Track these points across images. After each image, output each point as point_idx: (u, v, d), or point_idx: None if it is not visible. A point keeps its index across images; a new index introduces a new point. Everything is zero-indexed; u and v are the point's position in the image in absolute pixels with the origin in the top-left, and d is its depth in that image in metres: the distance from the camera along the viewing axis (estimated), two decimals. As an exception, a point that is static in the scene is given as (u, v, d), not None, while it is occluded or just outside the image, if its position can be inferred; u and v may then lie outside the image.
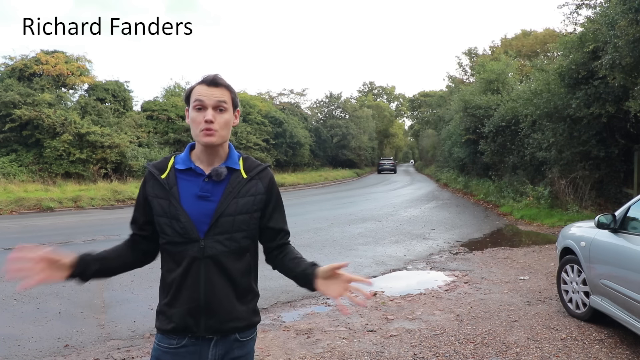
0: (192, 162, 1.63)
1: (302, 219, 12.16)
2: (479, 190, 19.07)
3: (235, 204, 1.60)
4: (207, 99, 1.57)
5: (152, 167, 1.65)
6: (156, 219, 1.61)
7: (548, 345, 4.03)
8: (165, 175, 1.61)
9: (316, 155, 41.91)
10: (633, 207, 4.03)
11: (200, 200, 1.58)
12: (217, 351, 1.62)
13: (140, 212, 1.67)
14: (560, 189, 12.34)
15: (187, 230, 1.56)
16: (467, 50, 37.21)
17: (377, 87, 78.99)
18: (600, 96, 10.31)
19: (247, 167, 1.67)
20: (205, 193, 1.59)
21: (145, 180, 1.65)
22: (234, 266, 1.61)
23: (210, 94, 1.57)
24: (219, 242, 1.58)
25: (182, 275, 1.58)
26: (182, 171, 1.62)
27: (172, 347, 1.60)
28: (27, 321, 4.70)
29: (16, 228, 11.02)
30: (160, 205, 1.59)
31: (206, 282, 1.58)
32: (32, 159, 20.01)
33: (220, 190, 1.60)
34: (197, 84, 1.61)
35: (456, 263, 7.45)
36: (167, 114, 26.05)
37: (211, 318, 1.59)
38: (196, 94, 1.59)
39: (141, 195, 1.66)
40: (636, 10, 8.17)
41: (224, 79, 1.62)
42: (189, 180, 1.61)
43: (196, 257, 1.57)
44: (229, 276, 1.60)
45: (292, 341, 4.23)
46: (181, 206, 1.57)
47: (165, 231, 1.59)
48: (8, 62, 22.35)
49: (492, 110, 17.92)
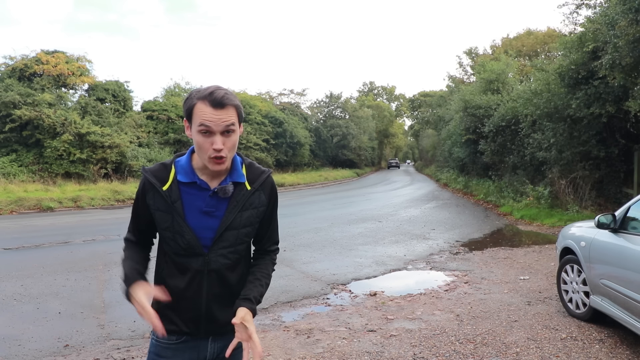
0: (196, 175, 1.54)
1: (302, 219, 12.07)
2: (479, 190, 19.07)
3: (239, 218, 1.56)
4: (214, 126, 1.42)
5: (152, 177, 1.54)
6: (159, 230, 1.58)
7: (548, 345, 4.03)
8: (167, 187, 1.52)
9: (316, 155, 41.94)
10: (633, 207, 4.03)
11: (205, 214, 1.54)
12: (215, 345, 1.65)
13: (143, 221, 1.61)
14: (560, 189, 12.34)
15: (192, 245, 1.54)
16: (467, 49, 37.22)
17: (378, 87, 79.04)
18: (600, 96, 10.31)
19: (250, 177, 1.61)
20: (211, 209, 1.54)
21: (145, 191, 1.55)
22: (233, 276, 1.62)
23: (217, 119, 1.42)
24: (222, 255, 1.57)
25: (185, 286, 1.58)
26: (185, 184, 1.53)
27: (173, 343, 1.62)
28: (27, 321, 4.70)
29: (16, 228, 11.02)
30: (162, 219, 1.54)
31: (208, 293, 1.59)
32: (32, 159, 20.02)
33: (224, 204, 1.55)
34: (199, 101, 1.44)
35: (456, 263, 7.45)
36: (167, 114, 26.07)
37: (211, 324, 1.61)
38: (201, 116, 1.43)
39: (141, 205, 1.58)
40: (636, 10, 8.17)
41: (231, 96, 1.46)
42: (193, 194, 1.53)
43: (200, 270, 1.56)
44: (229, 286, 1.62)
45: (292, 341, 4.23)
46: (185, 222, 1.52)
47: (169, 243, 1.57)
48: (8, 62, 22.38)
49: (492, 110, 17.92)
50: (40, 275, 6.44)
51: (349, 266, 7.19)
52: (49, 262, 7.27)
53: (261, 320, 4.82)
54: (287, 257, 7.68)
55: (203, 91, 1.46)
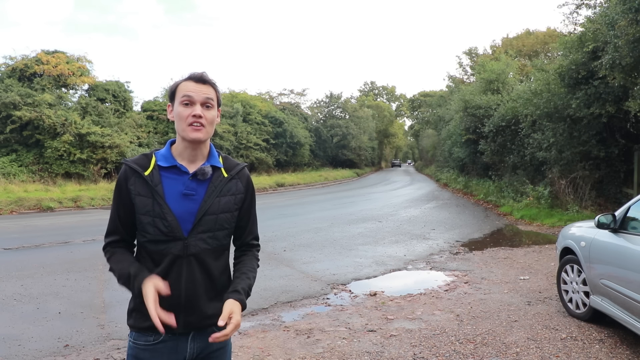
0: (176, 160, 1.61)
1: (302, 219, 12.12)
2: (479, 190, 19.08)
3: (217, 203, 1.61)
4: (195, 95, 1.58)
5: (133, 164, 1.60)
6: (138, 217, 1.58)
7: (548, 345, 4.03)
8: (149, 172, 1.58)
9: (316, 155, 41.94)
10: (633, 207, 4.03)
11: (185, 198, 1.58)
12: (195, 345, 1.63)
13: (125, 210, 1.60)
14: (560, 189, 12.34)
15: (173, 228, 1.55)
16: (467, 50, 37.23)
17: (378, 87, 79.06)
18: (600, 96, 10.31)
19: (227, 166, 1.69)
20: (191, 191, 1.59)
21: (127, 177, 1.59)
22: (215, 264, 1.63)
23: (198, 90, 1.59)
24: (202, 240, 1.59)
25: (163, 274, 1.56)
26: (165, 169, 1.60)
27: (150, 344, 1.59)
28: (27, 321, 4.70)
29: (16, 228, 11.02)
30: (143, 203, 1.56)
31: (187, 280, 1.58)
32: (33, 159, 20.04)
33: (204, 189, 1.61)
34: (183, 80, 1.62)
35: (456, 263, 7.45)
36: (167, 114, 26.10)
37: (191, 315, 1.60)
38: (183, 90, 1.59)
39: (123, 192, 1.59)
40: (636, 10, 8.17)
41: (210, 76, 1.65)
42: (172, 178, 1.59)
43: (179, 255, 1.57)
44: (210, 274, 1.62)
45: (292, 341, 4.23)
46: (167, 205, 1.55)
47: (147, 230, 1.57)
48: (8, 62, 22.36)
49: (492, 110, 17.93)
50: (40, 275, 6.45)
51: (349, 266, 7.19)
52: (49, 262, 7.27)
53: (261, 320, 4.82)
54: (287, 257, 7.68)
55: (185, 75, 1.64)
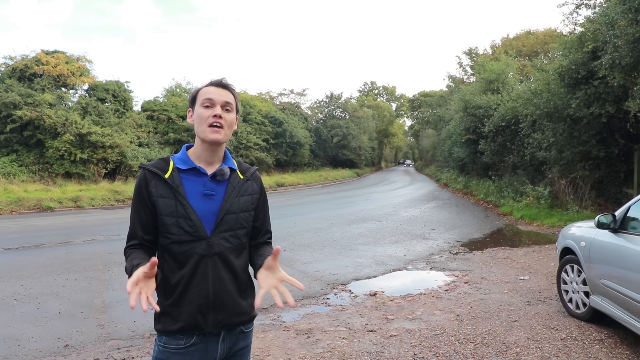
0: (194, 162, 1.66)
1: (302, 219, 12.11)
2: (479, 190, 19.08)
3: (237, 202, 1.67)
4: (216, 97, 1.65)
5: (152, 167, 1.63)
6: (161, 218, 1.59)
7: (548, 345, 4.03)
8: (169, 174, 1.61)
9: (316, 155, 41.91)
10: (633, 207, 4.03)
11: (206, 198, 1.62)
12: (225, 345, 1.66)
13: (146, 213, 1.61)
14: (560, 189, 12.34)
15: (197, 228, 1.58)
16: (467, 50, 37.23)
17: (378, 87, 79.02)
18: (600, 96, 10.31)
19: (241, 169, 1.76)
20: (211, 192, 1.63)
21: (147, 181, 1.61)
22: (237, 262, 1.67)
23: (219, 93, 1.66)
24: (224, 238, 1.63)
25: (190, 274, 1.59)
26: (184, 171, 1.64)
27: (181, 347, 1.61)
28: (27, 321, 4.70)
29: (16, 228, 11.02)
30: (166, 204, 1.59)
31: (214, 279, 1.61)
32: (33, 159, 20.03)
33: (223, 189, 1.66)
34: (204, 86, 1.70)
35: (456, 263, 7.45)
36: (168, 114, 26.07)
37: (219, 313, 1.62)
38: (205, 94, 1.66)
39: (144, 195, 1.61)
40: (636, 10, 8.17)
41: (230, 82, 1.72)
42: (192, 179, 1.64)
43: (204, 255, 1.60)
44: (234, 272, 1.66)
45: (292, 341, 4.23)
46: (190, 205, 1.59)
47: (171, 230, 1.59)
48: (8, 62, 22.35)
49: (492, 110, 17.92)
50: (40, 275, 6.45)
51: (349, 266, 7.19)
52: (49, 262, 7.27)
53: (261, 320, 4.82)
54: (287, 257, 7.68)
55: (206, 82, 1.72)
